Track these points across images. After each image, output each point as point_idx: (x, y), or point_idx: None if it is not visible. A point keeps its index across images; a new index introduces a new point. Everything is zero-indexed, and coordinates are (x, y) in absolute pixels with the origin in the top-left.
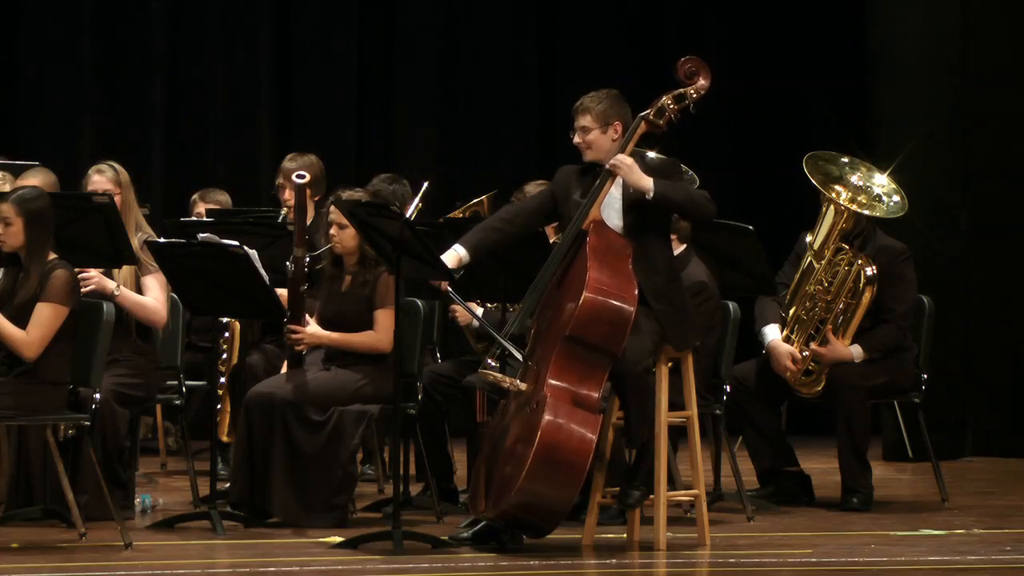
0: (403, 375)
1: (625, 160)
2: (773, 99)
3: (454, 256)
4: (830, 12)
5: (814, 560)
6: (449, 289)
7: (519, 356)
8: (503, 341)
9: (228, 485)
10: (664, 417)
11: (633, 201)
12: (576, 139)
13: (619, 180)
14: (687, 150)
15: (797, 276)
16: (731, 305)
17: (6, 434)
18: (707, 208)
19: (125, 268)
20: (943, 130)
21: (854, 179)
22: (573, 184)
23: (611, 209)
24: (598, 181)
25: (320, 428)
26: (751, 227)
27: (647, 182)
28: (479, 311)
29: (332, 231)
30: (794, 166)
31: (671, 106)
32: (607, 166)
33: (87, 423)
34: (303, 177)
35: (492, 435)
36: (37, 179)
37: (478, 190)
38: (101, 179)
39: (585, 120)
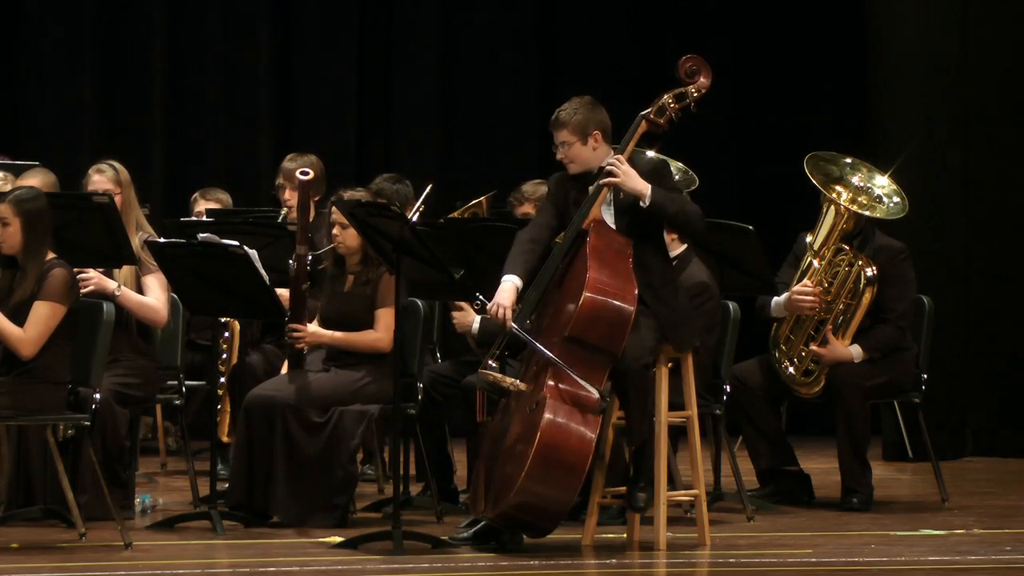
0: (403, 375)
1: (622, 168)
2: (773, 99)
3: (512, 288)
4: (830, 11)
5: (814, 560)
6: (514, 326)
7: (530, 340)
8: (519, 331)
9: (227, 486)
10: (664, 417)
11: (627, 205)
12: (559, 155)
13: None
14: (688, 150)
15: (796, 276)
16: (731, 305)
17: (6, 434)
18: (697, 224)
19: (125, 268)
20: (943, 130)
21: (855, 180)
22: (569, 190)
23: (606, 212)
24: (595, 185)
25: (320, 429)
26: (751, 227)
27: (644, 188)
28: (477, 319)
29: (335, 231)
30: (794, 166)
31: (672, 105)
32: (604, 168)
33: (87, 423)
34: (307, 174)
35: (492, 435)
36: (37, 179)
37: (478, 190)
38: (101, 179)
39: (563, 135)
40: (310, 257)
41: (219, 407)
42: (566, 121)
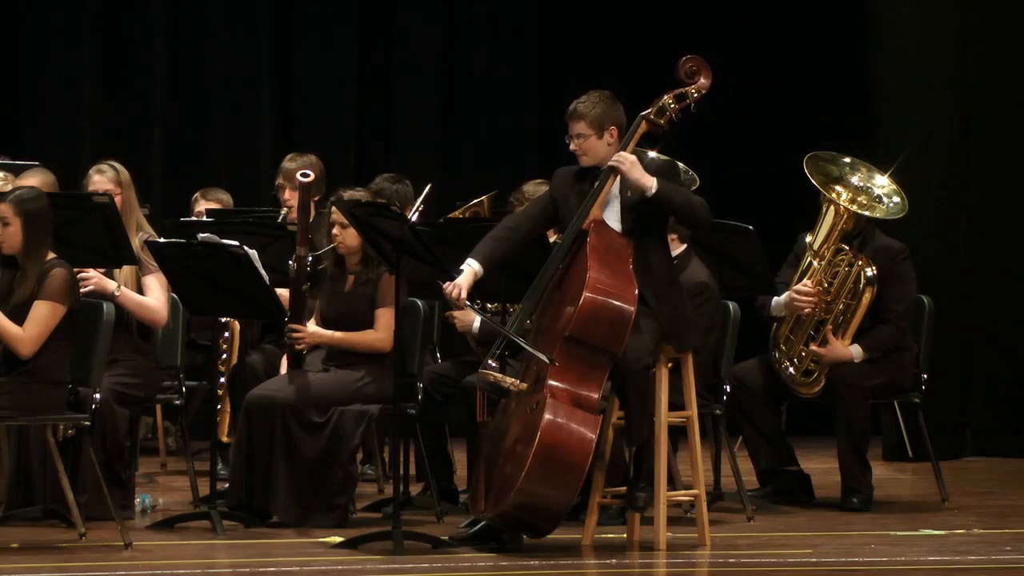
0: (403, 375)
1: (627, 157)
2: (773, 99)
3: (470, 272)
4: (830, 12)
5: (814, 560)
6: (467, 303)
7: (537, 353)
8: (514, 337)
9: (227, 486)
10: (664, 417)
11: (631, 203)
12: (572, 146)
13: (619, 181)
14: (688, 150)
15: (796, 276)
16: (731, 305)
17: (6, 434)
18: (703, 215)
19: (126, 268)
20: (943, 130)
21: (854, 180)
22: (570, 188)
23: (610, 210)
24: (599, 181)
25: (320, 429)
26: (751, 227)
27: (649, 180)
28: (478, 319)
29: (335, 231)
30: (794, 166)
31: (672, 105)
32: (608, 164)
33: (87, 423)
34: (308, 176)
35: (492, 435)
36: (36, 179)
37: (478, 190)
38: (101, 179)
39: (580, 127)
40: (310, 258)
41: (219, 407)
42: (584, 113)
